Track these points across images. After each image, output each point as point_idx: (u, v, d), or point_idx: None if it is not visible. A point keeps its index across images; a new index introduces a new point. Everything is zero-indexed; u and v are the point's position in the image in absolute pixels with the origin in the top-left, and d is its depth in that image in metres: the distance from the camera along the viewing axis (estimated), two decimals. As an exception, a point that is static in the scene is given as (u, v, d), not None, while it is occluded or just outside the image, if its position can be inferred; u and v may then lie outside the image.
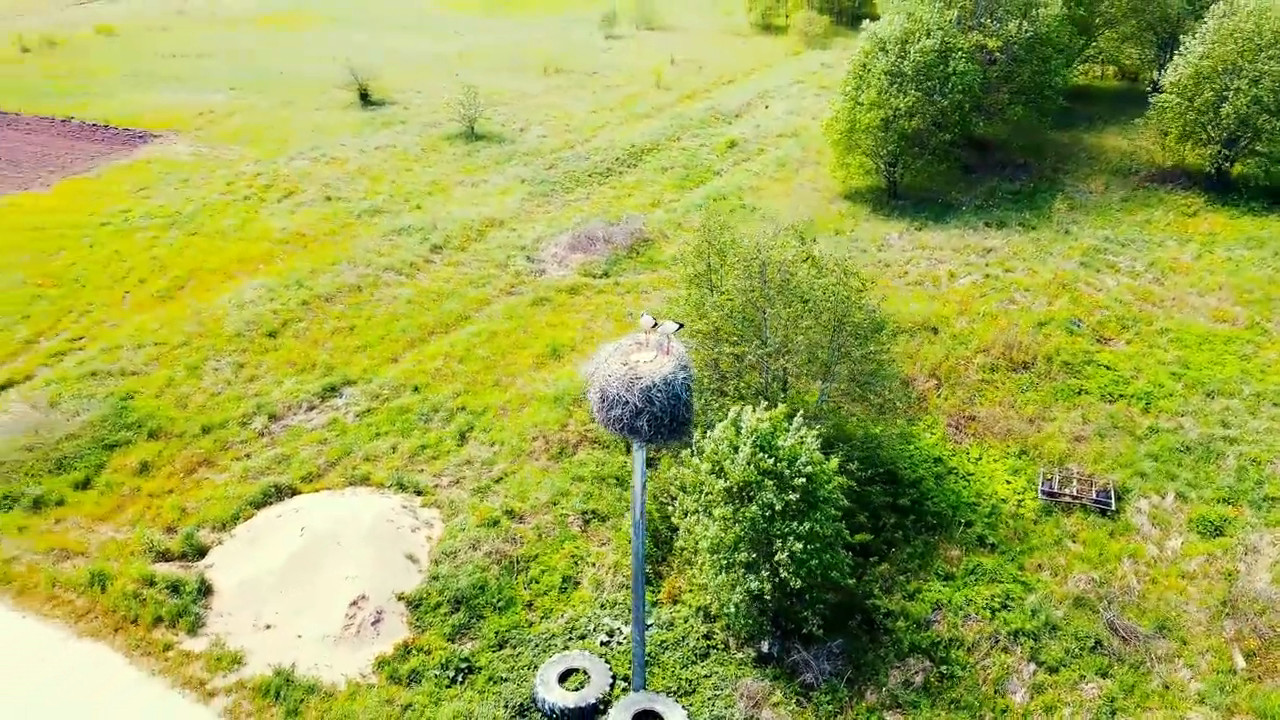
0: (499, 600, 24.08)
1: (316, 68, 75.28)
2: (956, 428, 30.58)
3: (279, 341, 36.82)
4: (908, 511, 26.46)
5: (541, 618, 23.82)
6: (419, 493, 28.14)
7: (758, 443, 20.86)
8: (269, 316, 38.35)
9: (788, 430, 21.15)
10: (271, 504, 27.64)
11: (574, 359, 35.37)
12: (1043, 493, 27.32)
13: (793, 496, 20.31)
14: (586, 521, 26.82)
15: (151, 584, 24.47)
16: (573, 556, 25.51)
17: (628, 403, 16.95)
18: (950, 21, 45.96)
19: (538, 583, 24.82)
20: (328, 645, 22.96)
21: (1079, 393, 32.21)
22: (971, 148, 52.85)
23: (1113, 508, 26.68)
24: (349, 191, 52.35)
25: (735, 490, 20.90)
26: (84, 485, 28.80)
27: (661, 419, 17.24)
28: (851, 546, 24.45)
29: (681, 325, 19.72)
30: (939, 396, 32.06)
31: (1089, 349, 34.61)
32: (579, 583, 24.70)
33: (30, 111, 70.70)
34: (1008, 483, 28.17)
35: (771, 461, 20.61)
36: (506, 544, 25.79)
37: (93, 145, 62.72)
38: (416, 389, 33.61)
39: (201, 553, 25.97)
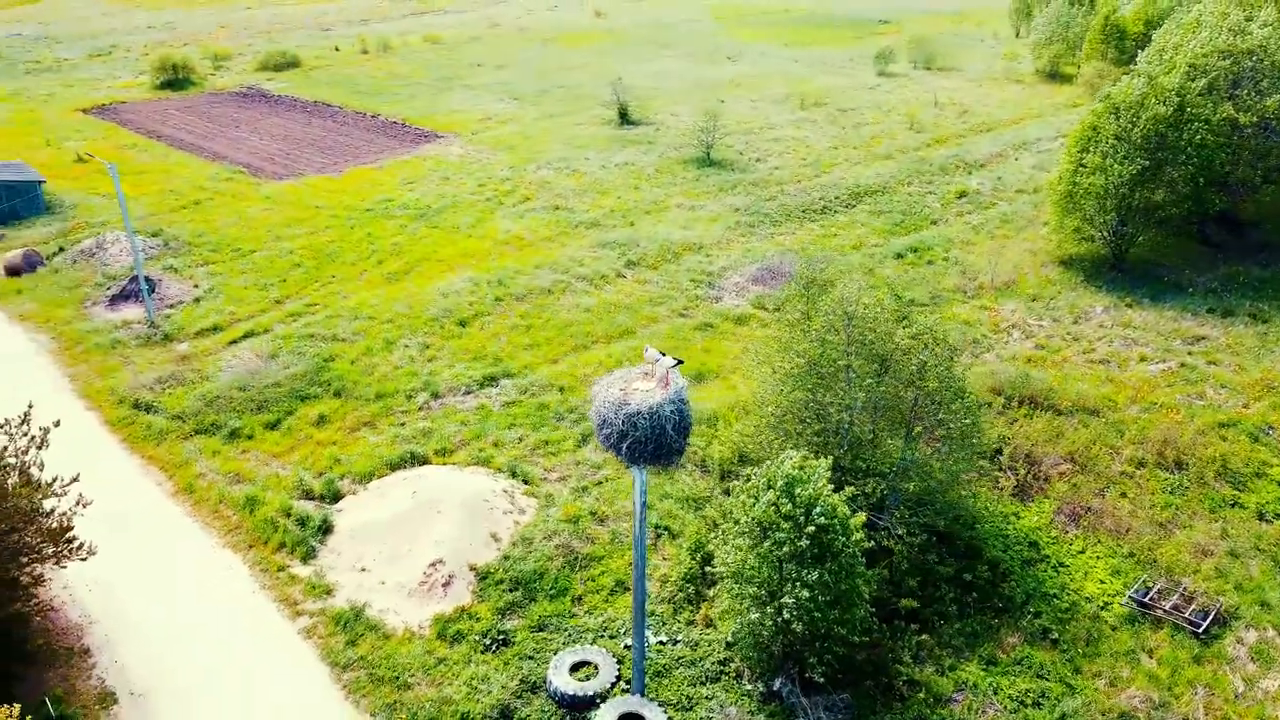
0: (553, 589, 26.65)
1: (593, 84, 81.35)
2: (1070, 516, 29.25)
3: (465, 331, 41.61)
4: (973, 588, 26.00)
5: (586, 612, 26.08)
6: (526, 481, 31.30)
7: (781, 486, 21.96)
8: (464, 307, 43.34)
9: (809, 478, 22.02)
10: (404, 468, 31.94)
11: (716, 386, 37.18)
12: (1133, 599, 25.75)
13: (803, 543, 21.21)
14: (658, 535, 28.72)
15: (287, 515, 29.41)
16: (633, 565, 27.50)
17: (615, 425, 18.94)
18: (1196, 90, 42.76)
19: (594, 581, 27.09)
20: (402, 595, 26.63)
21: (1232, 505, 29.59)
22: (1222, 225, 48.54)
23: (1207, 630, 24.68)
24: (576, 203, 57.10)
25: (756, 527, 22.10)
26: (273, 426, 34.70)
27: (644, 444, 19.04)
28: (895, 611, 24.74)
29: (680, 362, 21.22)
30: (1067, 481, 30.69)
31: (1268, 461, 31.51)
32: (629, 589, 26.66)
33: (348, 105, 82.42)
34: (1102, 582, 26.74)
35: (790, 506, 21.63)
36: (579, 541, 28.30)
37: (387, 140, 72.29)
38: (561, 390, 36.91)
39: (336, 498, 30.68)
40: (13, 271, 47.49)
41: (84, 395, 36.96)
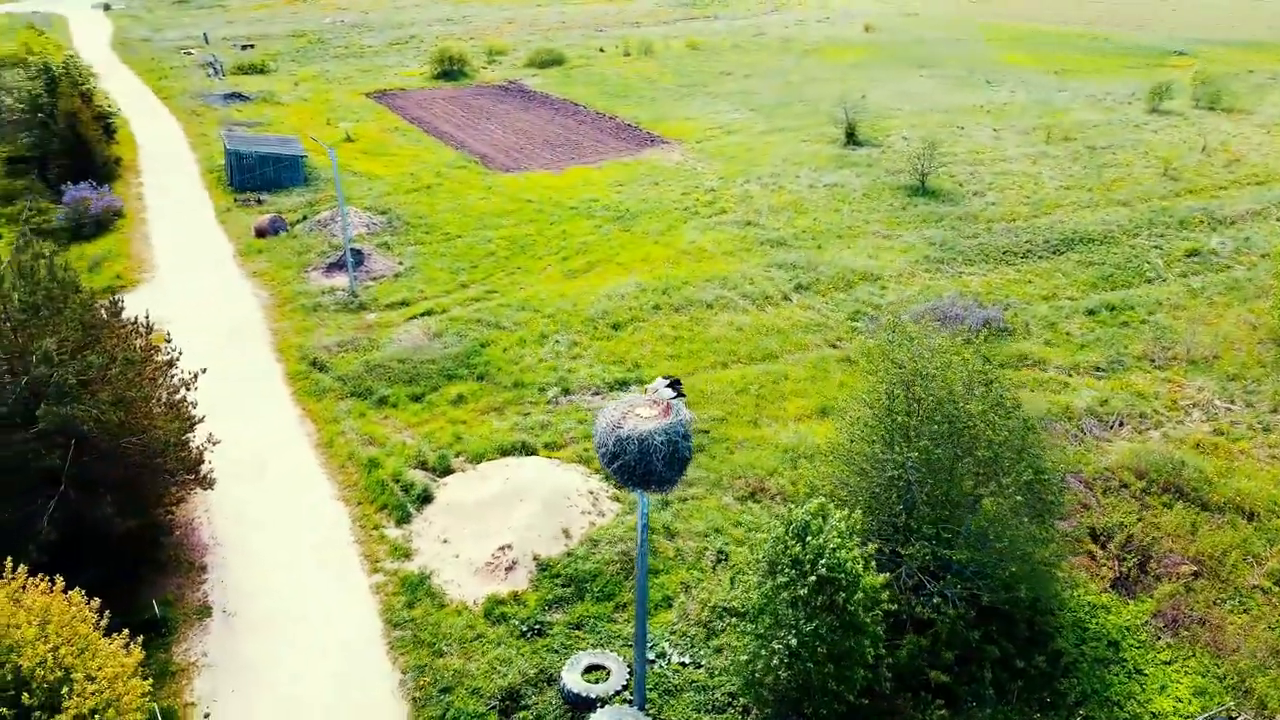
0: (601, 592, 27.93)
1: (834, 100, 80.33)
2: (1170, 622, 26.66)
3: (616, 334, 43.55)
4: (1022, 674, 24.54)
5: (626, 620, 27.15)
6: (618, 486, 32.74)
7: (793, 530, 22.01)
8: (622, 311, 45.30)
9: (822, 527, 21.87)
10: (512, 455, 34.37)
11: (834, 422, 36.78)
12: (1205, 726, 23.30)
13: (803, 590, 21.23)
14: (720, 559, 29.21)
15: (397, 480, 32.64)
16: (684, 583, 28.26)
17: (608, 446, 19.95)
18: None
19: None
20: (469, 571, 28.95)
21: (1377, 650, 25.75)
22: None
23: (1280, 780, 21.92)
24: (769, 220, 57.58)
25: (766, 564, 22.32)
26: (416, 399, 38.32)
27: (633, 468, 19.88)
28: (925, 682, 23.97)
29: (679, 392, 21.60)
30: (1182, 583, 27.92)
31: None
32: (670, 605, 27.46)
33: (592, 105, 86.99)
34: (1179, 700, 24.32)
35: (799, 549, 21.68)
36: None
37: (616, 142, 75.90)
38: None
39: (446, 472, 33.58)
40: (260, 233, 54.91)
41: (278, 348, 42.49)
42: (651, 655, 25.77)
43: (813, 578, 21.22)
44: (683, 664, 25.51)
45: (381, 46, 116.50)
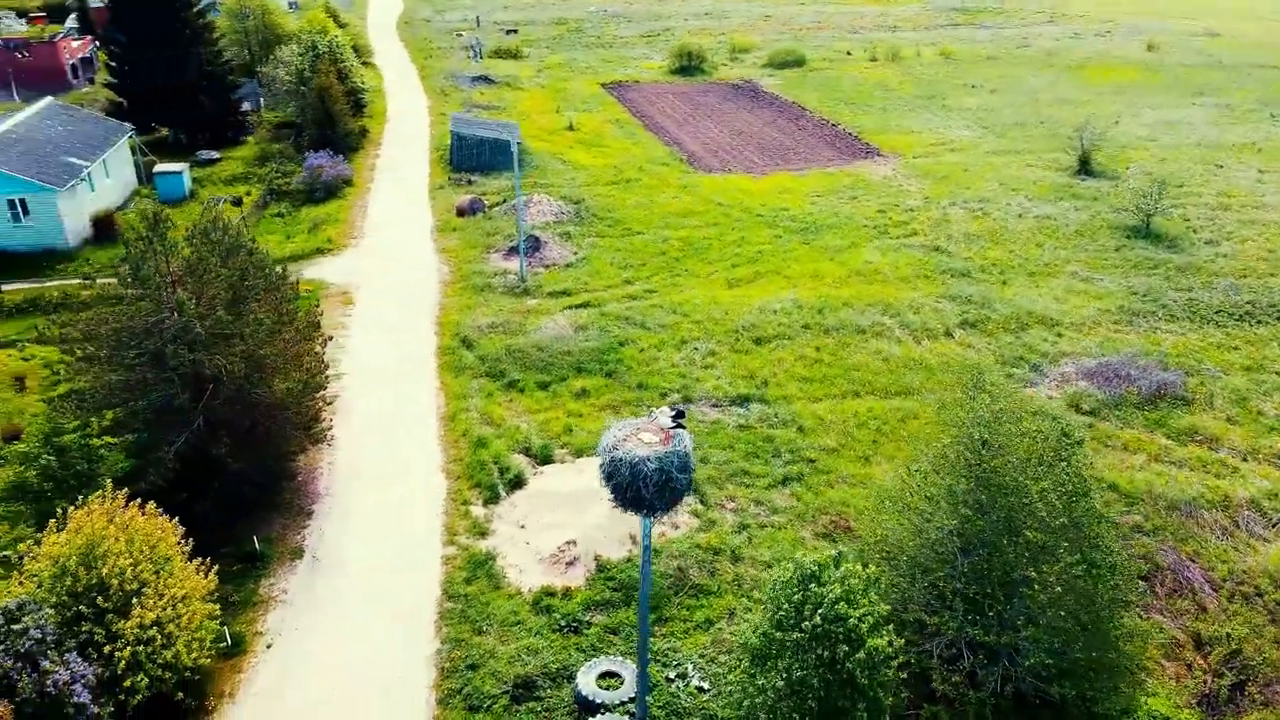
0: (650, 602, 28.52)
1: (1078, 125, 75.01)
2: (1252, 758, 23.75)
3: (756, 349, 43.51)
4: (1047, 779, 22.85)
5: (663, 635, 27.67)
6: (701, 501, 33.13)
7: (800, 575, 21.73)
8: (770, 326, 45.14)
9: (827, 579, 21.39)
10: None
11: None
12: None
13: (796, 635, 21.00)
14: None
15: (496, 462, 34.72)
16: (731, 609, 28.34)
17: (605, 465, 20.57)
18: None
19: (687, 610, 28.48)
20: (533, 559, 30.48)
21: None
22: None
23: None
24: (960, 248, 55.03)
25: (770, 604, 22.20)
26: (543, 386, 40.30)
27: (624, 491, 20.34)
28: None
29: (681, 420, 21.51)
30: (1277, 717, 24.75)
31: None
32: (710, 628, 27.66)
33: (817, 110, 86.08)
34: (1228, 846, 21.73)
35: (799, 596, 21.40)
36: (700, 570, 29.70)
37: (828, 150, 74.92)
38: (800, 429, 37.53)
39: (546, 462, 35.31)
40: (460, 212, 59.16)
41: (439, 322, 45.96)
42: (673, 674, 26.19)
43: (807, 624, 20.89)
44: (700, 689, 25.73)
45: (633, 38, 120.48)
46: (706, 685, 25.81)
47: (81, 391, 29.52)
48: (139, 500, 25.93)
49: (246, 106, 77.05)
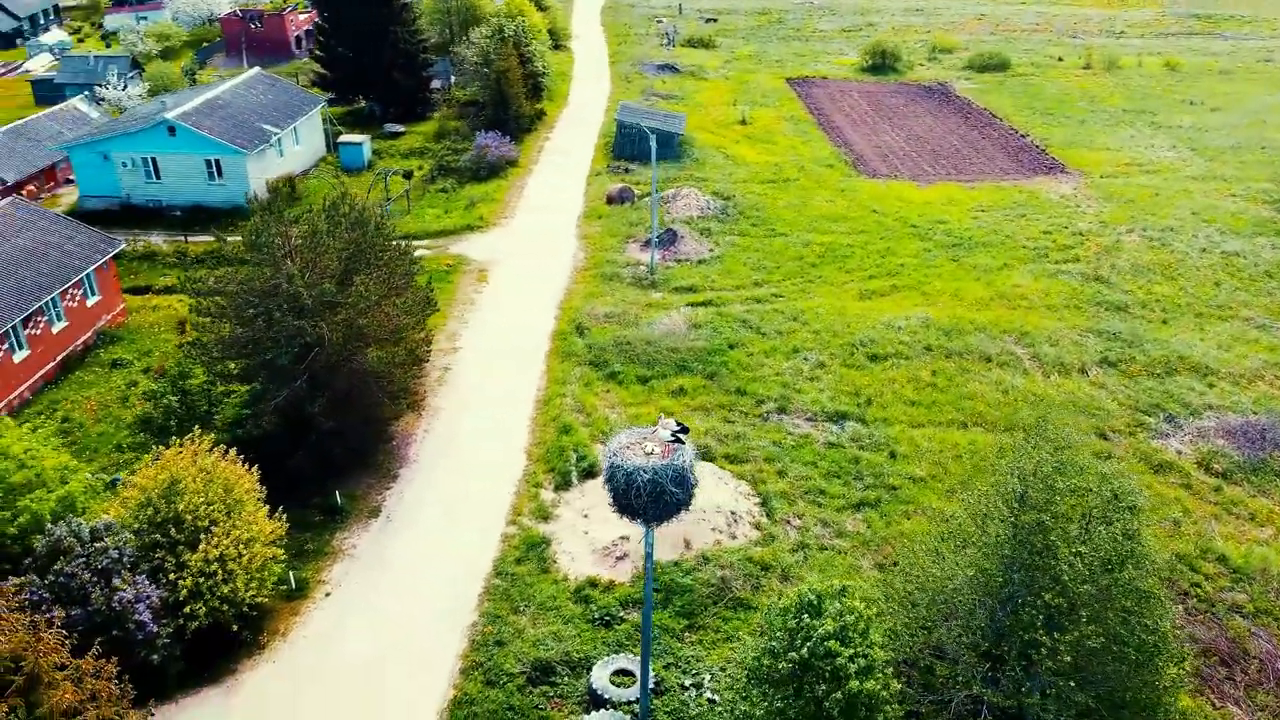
0: (682, 608, 28.87)
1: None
2: None
3: (868, 366, 42.39)
4: None
5: (692, 641, 27.93)
6: (768, 515, 32.98)
7: (799, 605, 21.53)
8: (889, 344, 43.86)
9: (822, 613, 21.04)
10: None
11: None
12: None
13: (782, 664, 20.89)
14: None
15: (575, 450, 35.77)
16: (762, 627, 28.18)
17: (605, 469, 21.07)
18: None
19: (722, 620, 28.59)
20: (585, 549, 31.39)
21: None
22: None
23: None
24: (1124, 280, 51.33)
25: (768, 629, 22.14)
26: (643, 381, 40.98)
27: (619, 496, 20.76)
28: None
29: (683, 432, 21.42)
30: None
31: None
32: (733, 644, 27.66)
33: (1007, 119, 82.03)
34: None
35: (795, 624, 21.23)
36: (744, 584, 29.67)
37: (1008, 163, 71.39)
38: (892, 454, 36.48)
39: (625, 455, 36.06)
40: (610, 200, 60.58)
41: (561, 306, 47.52)
42: (689, 681, 26.45)
43: (794, 654, 20.73)
44: (711, 701, 25.86)
45: (832, 32, 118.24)
46: (716, 699, 25.88)
47: (204, 342, 32.75)
48: (228, 446, 28.68)
49: (437, 84, 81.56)
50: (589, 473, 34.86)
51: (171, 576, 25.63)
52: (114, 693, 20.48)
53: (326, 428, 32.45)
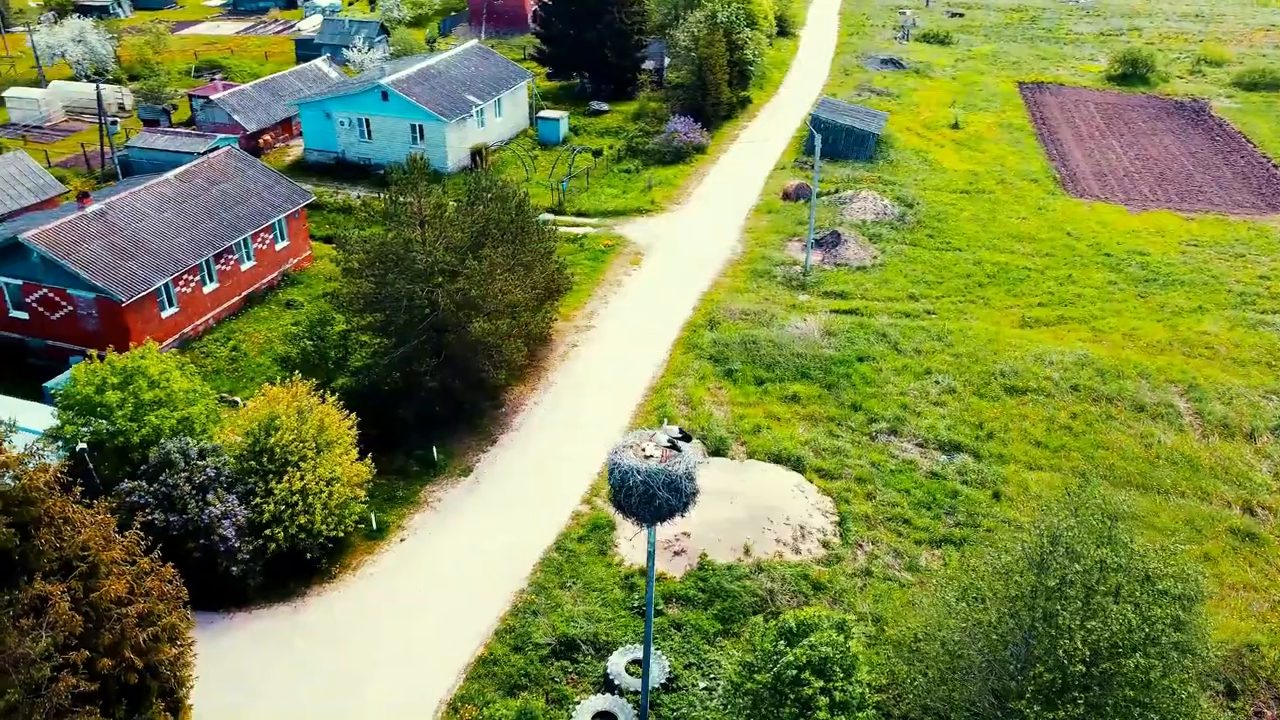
0: (723, 612, 29.12)
1: None
2: None
3: (1003, 398, 40.28)
4: None
5: (721, 647, 28.21)
6: (840, 535, 32.45)
7: (784, 628, 21.50)
8: (1033, 379, 41.27)
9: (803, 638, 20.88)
10: (781, 464, 35.73)
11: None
12: None
13: (753, 684, 21.01)
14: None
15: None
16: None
17: (608, 466, 21.77)
18: None
19: (754, 631, 28.59)
20: (645, 538, 32.13)
21: None
22: None
23: None
24: (1341, 340, 45.59)
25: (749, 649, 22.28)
26: (758, 383, 40.91)
27: (614, 493, 21.42)
28: None
29: (685, 440, 21.37)
30: None
31: None
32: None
33: (1264, 145, 74.07)
34: None
35: (781, 645, 21.25)
36: (790, 601, 29.48)
37: (1246, 194, 64.95)
38: (996, 495, 34.71)
39: (717, 454, 36.35)
40: (785, 196, 60.19)
41: (703, 297, 48.06)
42: (704, 683, 26.83)
43: (759, 676, 20.82)
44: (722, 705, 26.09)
45: (1088, 36, 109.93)
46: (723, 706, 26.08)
47: (339, 294, 36.05)
48: (350, 393, 31.73)
49: (650, 65, 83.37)
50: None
51: (258, 501, 28.78)
52: (166, 591, 23.46)
53: (431, 385, 34.91)
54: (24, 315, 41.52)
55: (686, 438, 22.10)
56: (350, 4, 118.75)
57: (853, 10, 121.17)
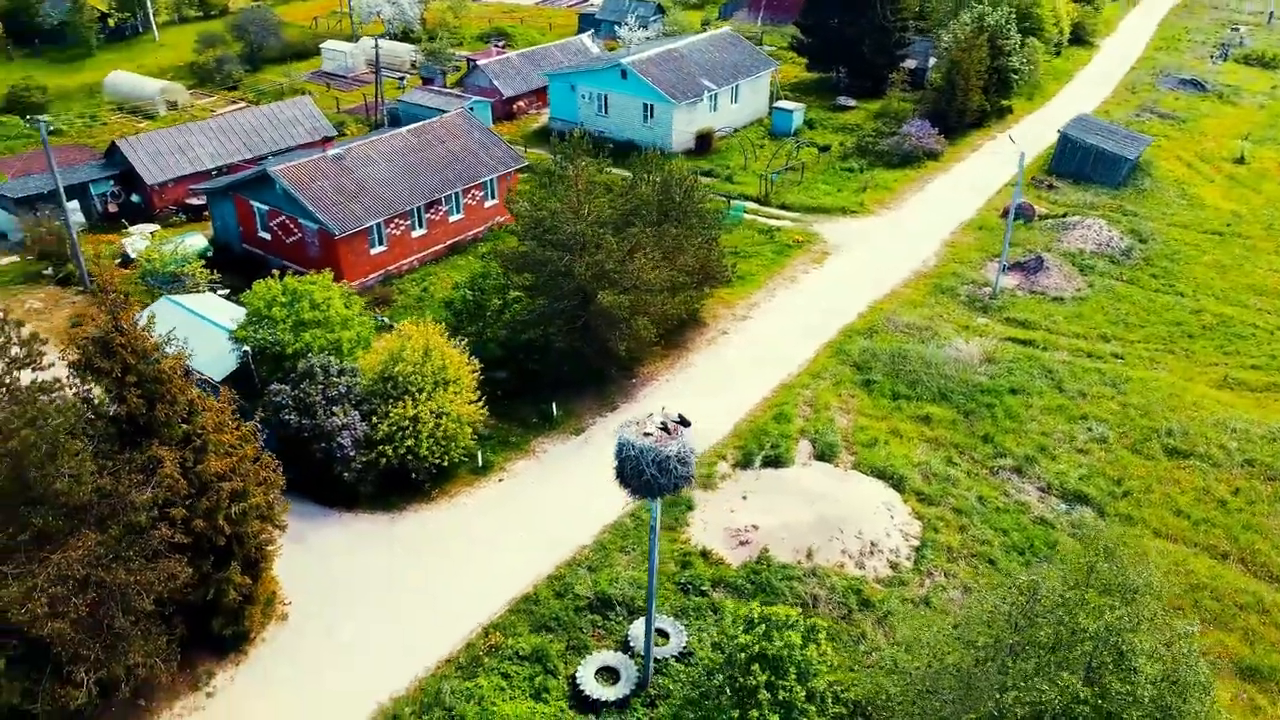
0: (784, 624, 29.95)
1: None
2: None
3: (1159, 459, 37.33)
4: None
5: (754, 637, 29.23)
6: (915, 560, 32.17)
7: (748, 619, 22.56)
8: (1203, 443, 37.93)
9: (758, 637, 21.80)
10: (881, 479, 35.64)
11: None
12: None
13: (707, 661, 22.34)
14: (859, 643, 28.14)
15: (776, 437, 37.35)
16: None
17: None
18: None
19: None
20: (719, 524, 33.43)
21: None
22: None
23: None
24: None
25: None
26: (894, 397, 40.47)
27: (621, 466, 23.25)
28: None
29: (666, 428, 22.27)
30: None
31: None
32: (782, 656, 28.40)
33: None
34: None
35: (746, 639, 22.37)
36: (832, 610, 29.90)
37: None
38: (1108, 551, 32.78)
39: (821, 458, 36.79)
40: (1004, 214, 57.60)
41: (871, 305, 47.74)
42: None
43: (715, 654, 22.10)
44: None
45: None
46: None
47: (502, 251, 39.91)
48: (480, 337, 35.83)
49: (912, 64, 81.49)
50: (773, 462, 36.39)
51: (376, 421, 33.14)
52: (266, 477, 28.13)
53: (559, 346, 38.01)
54: (268, 236, 49.05)
55: (686, 424, 23.47)
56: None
57: (1175, 21, 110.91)
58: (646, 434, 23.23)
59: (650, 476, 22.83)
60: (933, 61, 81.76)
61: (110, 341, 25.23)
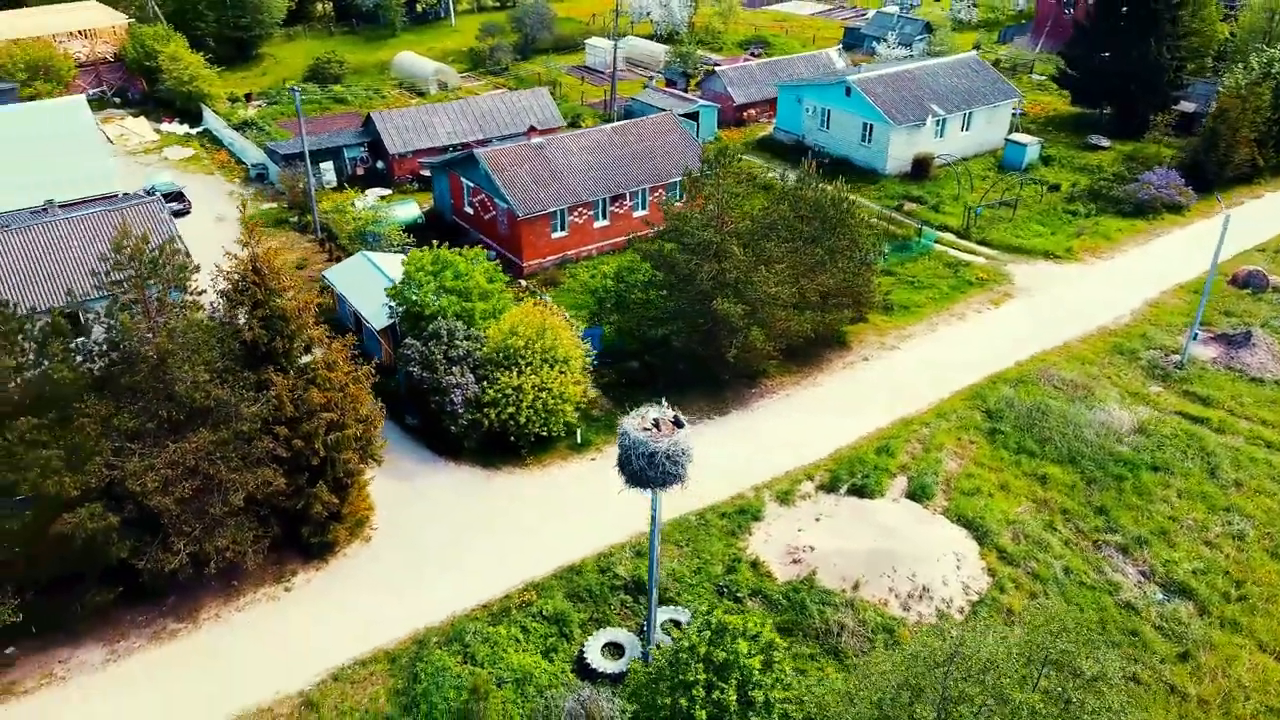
0: (787, 624, 30.91)
1: None
2: None
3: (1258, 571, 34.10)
4: None
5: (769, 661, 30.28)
6: (964, 615, 31.69)
7: (706, 621, 24.01)
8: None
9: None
10: (961, 527, 35.07)
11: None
12: None
13: (662, 656, 24.06)
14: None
15: (869, 467, 37.55)
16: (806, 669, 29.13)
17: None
18: None
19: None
20: (781, 538, 34.42)
21: None
22: None
23: None
24: None
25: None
26: (1017, 450, 39.15)
27: (623, 460, 25.23)
28: None
29: (657, 425, 23.47)
30: None
31: None
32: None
33: None
34: None
35: (701, 643, 23.89)
36: (856, 641, 30.26)
37: None
38: (1184, 657, 30.71)
39: (913, 497, 36.61)
40: (1233, 281, 52.78)
41: (1034, 355, 45.83)
42: (717, 667, 29.49)
43: (666, 649, 23.79)
44: (716, 692, 28.69)
45: None
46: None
47: (641, 247, 42.63)
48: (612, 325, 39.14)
49: (1190, 107, 75.18)
50: (858, 490, 36.70)
51: (483, 385, 37.04)
52: (366, 414, 32.68)
53: (675, 345, 40.29)
54: (471, 211, 54.71)
55: (680, 425, 25.12)
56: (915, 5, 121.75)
57: None
58: (645, 428, 25.12)
59: (639, 468, 24.73)
60: (1213, 106, 75.22)
61: (247, 279, 30.59)
